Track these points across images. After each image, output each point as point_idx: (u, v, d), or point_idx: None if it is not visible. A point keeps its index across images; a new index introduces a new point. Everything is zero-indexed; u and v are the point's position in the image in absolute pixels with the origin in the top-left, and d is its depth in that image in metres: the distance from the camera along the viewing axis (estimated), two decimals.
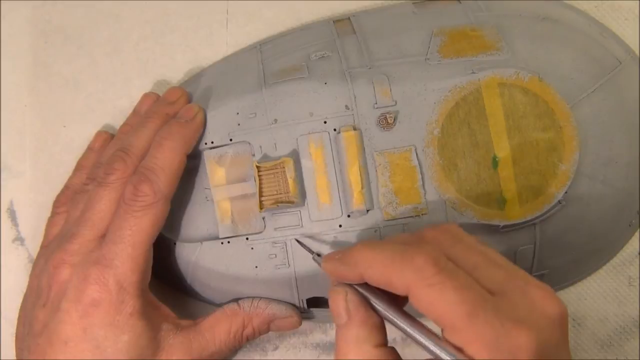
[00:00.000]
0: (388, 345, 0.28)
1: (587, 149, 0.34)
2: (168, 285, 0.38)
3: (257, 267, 0.35)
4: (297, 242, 0.34)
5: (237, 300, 0.36)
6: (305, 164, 0.34)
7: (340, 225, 0.34)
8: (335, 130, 0.34)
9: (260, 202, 0.34)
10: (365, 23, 0.37)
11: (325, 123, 0.34)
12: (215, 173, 0.35)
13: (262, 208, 0.34)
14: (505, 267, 0.27)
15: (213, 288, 0.37)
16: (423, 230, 0.29)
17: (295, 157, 0.34)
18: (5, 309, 0.40)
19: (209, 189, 0.35)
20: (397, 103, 0.34)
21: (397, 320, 0.27)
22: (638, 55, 0.38)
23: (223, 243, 0.36)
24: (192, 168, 0.36)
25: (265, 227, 0.35)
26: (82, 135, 0.41)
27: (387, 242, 0.29)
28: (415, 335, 0.26)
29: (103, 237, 0.33)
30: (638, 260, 0.39)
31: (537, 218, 0.34)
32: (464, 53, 0.34)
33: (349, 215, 0.34)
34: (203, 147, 0.36)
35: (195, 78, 0.40)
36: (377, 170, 0.34)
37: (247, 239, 0.35)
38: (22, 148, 0.41)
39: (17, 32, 0.42)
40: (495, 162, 0.33)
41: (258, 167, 0.34)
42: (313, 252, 0.33)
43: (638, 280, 0.39)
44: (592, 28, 0.38)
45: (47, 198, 0.39)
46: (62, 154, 0.41)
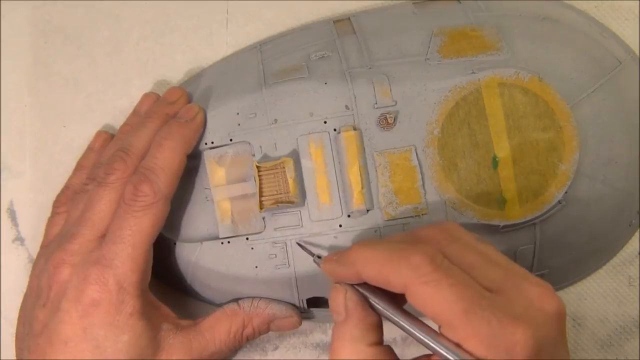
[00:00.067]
0: (384, 345, 0.28)
1: (587, 149, 0.34)
2: (168, 285, 0.38)
3: (257, 267, 0.35)
4: (298, 245, 0.34)
5: (237, 300, 0.36)
6: (305, 164, 0.34)
7: (341, 225, 0.34)
8: (335, 130, 0.34)
9: (261, 202, 0.34)
10: (365, 23, 0.37)
11: (325, 123, 0.34)
12: (215, 173, 0.35)
13: (262, 208, 0.34)
14: (504, 264, 0.27)
15: (213, 288, 0.37)
16: (420, 229, 0.29)
17: (295, 157, 0.34)
18: (5, 309, 0.40)
19: (209, 189, 0.35)
20: (397, 103, 0.34)
21: (396, 318, 0.27)
22: (638, 55, 0.38)
23: (223, 243, 0.36)
24: (192, 168, 0.36)
25: (265, 227, 0.35)
26: (82, 135, 0.41)
27: (384, 241, 0.29)
28: (414, 332, 0.27)
29: (103, 237, 0.33)
30: (638, 260, 0.39)
31: (537, 218, 0.34)
32: (464, 53, 0.34)
33: (349, 215, 0.34)
34: (203, 147, 0.36)
35: (195, 78, 0.40)
36: (377, 170, 0.34)
37: (247, 239, 0.35)
38: (22, 148, 0.41)
39: (17, 32, 0.42)
40: (495, 162, 0.33)
41: (258, 167, 0.34)
42: (314, 254, 0.33)
43: (638, 280, 0.39)
44: (592, 28, 0.38)
45: (47, 198, 0.39)
46: (62, 154, 0.41)
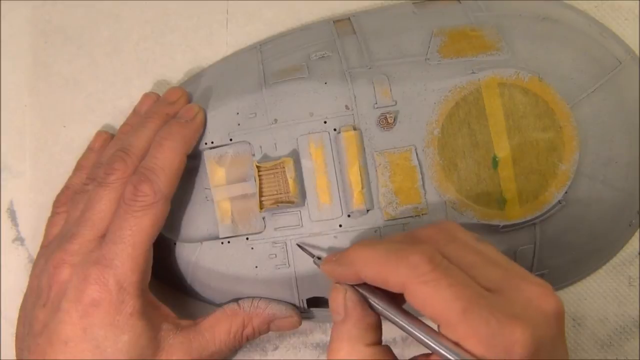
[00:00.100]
0: (383, 345, 0.28)
1: (587, 149, 0.34)
2: (168, 285, 0.38)
3: (257, 267, 0.35)
4: (298, 246, 0.34)
5: (237, 300, 0.36)
6: (306, 164, 0.34)
7: (341, 225, 0.34)
8: (336, 130, 0.34)
9: (261, 202, 0.34)
10: (365, 23, 0.37)
11: (326, 123, 0.34)
12: (215, 173, 0.35)
13: (262, 208, 0.34)
14: (503, 264, 0.27)
15: (213, 288, 0.37)
16: (419, 229, 0.29)
17: (296, 157, 0.34)
18: (5, 309, 0.40)
19: (209, 189, 0.35)
20: (397, 103, 0.34)
21: (395, 318, 0.28)
22: (638, 55, 0.38)
23: (223, 243, 0.36)
24: (192, 168, 0.36)
25: (266, 227, 0.35)
26: (82, 135, 0.41)
27: (382, 241, 0.29)
28: (414, 332, 0.27)
29: (103, 237, 0.33)
30: (638, 260, 0.39)
31: (537, 218, 0.34)
32: (464, 53, 0.34)
33: (349, 215, 0.34)
34: (203, 147, 0.36)
35: (195, 78, 0.40)
36: (377, 170, 0.34)
37: (247, 239, 0.35)
38: (22, 148, 0.41)
39: (17, 32, 0.42)
40: (495, 162, 0.33)
41: (258, 167, 0.34)
42: (314, 255, 0.33)
43: (638, 280, 0.39)
44: (592, 28, 0.38)
45: (47, 198, 0.39)
46: (62, 154, 0.41)
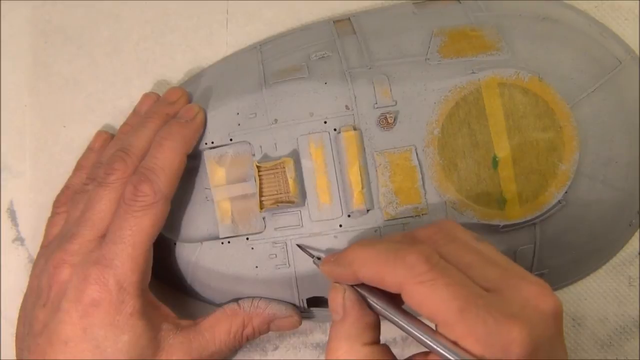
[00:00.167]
0: (381, 344, 0.28)
1: (587, 149, 0.34)
2: (168, 285, 0.38)
3: (257, 267, 0.35)
4: (298, 246, 0.34)
5: (237, 300, 0.36)
6: (306, 164, 0.34)
7: (341, 225, 0.34)
8: (336, 130, 0.34)
9: (261, 202, 0.34)
10: (365, 23, 0.37)
11: (326, 123, 0.34)
12: (216, 173, 0.35)
13: (262, 208, 0.34)
14: (502, 264, 0.27)
15: (213, 288, 0.37)
16: (418, 229, 0.29)
17: (296, 157, 0.34)
18: (5, 309, 0.40)
19: (209, 189, 0.35)
20: (397, 103, 0.34)
21: (394, 317, 0.28)
22: (638, 55, 0.38)
23: (223, 243, 0.36)
24: (192, 168, 0.36)
25: (266, 227, 0.35)
26: (82, 135, 0.41)
27: (380, 241, 0.29)
28: (412, 331, 0.27)
29: (103, 237, 0.33)
30: (638, 260, 0.39)
31: (537, 218, 0.34)
32: (464, 53, 0.34)
33: (349, 215, 0.34)
34: (203, 147, 0.36)
35: (195, 78, 0.40)
36: (377, 170, 0.34)
37: (247, 239, 0.35)
38: (22, 148, 0.41)
39: (17, 32, 0.42)
40: (495, 162, 0.33)
41: (258, 167, 0.34)
42: (314, 255, 0.33)
43: (638, 280, 0.39)
44: (592, 28, 0.38)
45: (47, 198, 0.39)
46: (62, 154, 0.41)
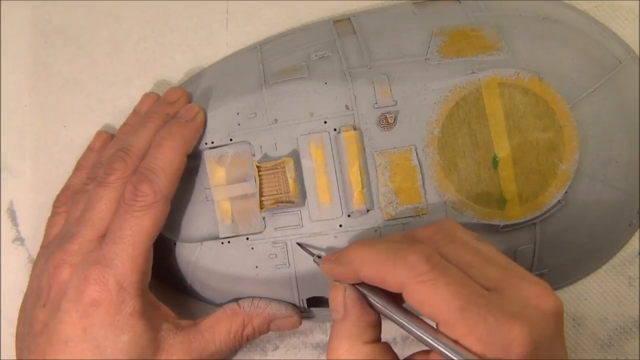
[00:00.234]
0: (382, 342, 0.28)
1: (587, 149, 0.34)
2: (168, 285, 0.38)
3: (257, 267, 0.35)
4: (298, 245, 0.34)
5: (237, 300, 0.36)
6: (306, 164, 0.34)
7: (341, 225, 0.34)
8: (336, 130, 0.34)
9: (261, 202, 0.34)
10: (365, 23, 0.37)
11: (326, 123, 0.34)
12: (216, 173, 0.35)
13: (262, 208, 0.34)
14: (502, 263, 0.27)
15: (213, 288, 0.37)
16: (418, 229, 0.29)
17: (296, 157, 0.34)
18: (5, 309, 0.40)
19: (209, 189, 0.35)
20: (397, 103, 0.34)
21: (395, 316, 0.28)
22: (638, 55, 0.38)
23: (223, 243, 0.36)
24: (192, 168, 0.36)
25: (266, 227, 0.35)
26: (82, 135, 0.41)
27: (381, 240, 0.29)
28: (413, 330, 0.27)
29: (103, 237, 0.33)
30: (638, 260, 0.39)
31: (537, 218, 0.34)
32: (464, 53, 0.34)
33: (349, 215, 0.34)
34: (203, 147, 0.36)
35: (195, 78, 0.40)
36: (377, 170, 0.34)
37: (247, 239, 0.35)
38: (22, 148, 0.41)
39: (17, 32, 0.42)
40: (495, 162, 0.33)
41: (258, 167, 0.34)
42: (314, 254, 0.33)
43: (638, 280, 0.39)
44: (592, 28, 0.38)
45: (47, 198, 0.39)
46: (62, 154, 0.41)
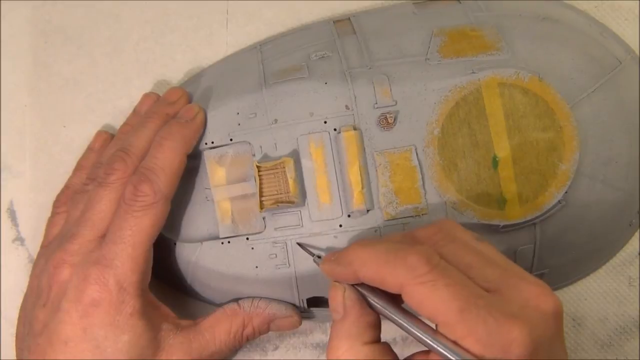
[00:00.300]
0: (382, 343, 0.28)
1: (587, 149, 0.34)
2: (168, 285, 0.38)
3: (257, 267, 0.35)
4: (298, 245, 0.34)
5: (237, 300, 0.36)
6: (306, 164, 0.34)
7: (341, 225, 0.34)
8: (336, 130, 0.34)
9: (261, 202, 0.34)
10: (366, 23, 0.37)
11: (326, 123, 0.34)
12: (216, 173, 0.35)
13: (262, 208, 0.34)
14: (501, 264, 0.27)
15: (213, 288, 0.37)
16: (418, 229, 0.29)
17: (296, 157, 0.34)
18: (5, 309, 0.40)
19: (209, 189, 0.35)
20: (397, 103, 0.34)
21: (394, 316, 0.28)
22: (638, 55, 0.38)
23: (223, 243, 0.36)
24: (192, 168, 0.36)
25: (266, 227, 0.35)
26: (82, 135, 0.41)
27: (380, 241, 0.29)
28: (413, 330, 0.27)
29: (103, 237, 0.33)
30: (638, 260, 0.39)
31: (537, 218, 0.34)
32: (464, 53, 0.34)
33: (349, 215, 0.34)
34: (203, 147, 0.36)
35: (195, 78, 0.40)
36: (377, 170, 0.34)
37: (247, 239, 0.35)
38: (22, 148, 0.41)
39: (17, 32, 0.42)
40: (496, 162, 0.33)
41: (258, 167, 0.34)
42: (314, 254, 0.33)
43: (638, 280, 0.39)
44: (592, 28, 0.38)
45: (47, 198, 0.39)
46: (62, 154, 0.41)
